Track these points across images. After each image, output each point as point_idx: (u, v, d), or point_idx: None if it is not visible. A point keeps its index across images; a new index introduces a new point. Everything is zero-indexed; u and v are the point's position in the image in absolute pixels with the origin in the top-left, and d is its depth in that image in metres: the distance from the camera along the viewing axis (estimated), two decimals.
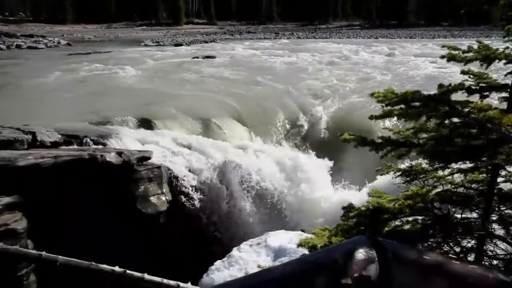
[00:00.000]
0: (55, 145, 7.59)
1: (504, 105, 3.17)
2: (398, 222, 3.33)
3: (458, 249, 3.22)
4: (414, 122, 3.33)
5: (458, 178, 3.42)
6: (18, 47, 32.07)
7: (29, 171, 6.39)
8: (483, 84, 3.24)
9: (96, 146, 7.84)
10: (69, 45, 35.34)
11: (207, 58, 23.32)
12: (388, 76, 17.00)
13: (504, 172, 3.23)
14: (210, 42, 38.89)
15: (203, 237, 8.09)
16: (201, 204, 8.14)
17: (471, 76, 3.25)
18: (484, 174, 3.30)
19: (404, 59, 22.69)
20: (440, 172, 3.37)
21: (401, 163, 3.60)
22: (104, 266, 5.20)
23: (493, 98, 3.33)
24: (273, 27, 62.93)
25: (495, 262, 3.18)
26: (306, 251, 3.40)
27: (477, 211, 3.33)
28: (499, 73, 3.43)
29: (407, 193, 3.27)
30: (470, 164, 3.29)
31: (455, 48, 3.32)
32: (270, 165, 9.01)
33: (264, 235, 7.18)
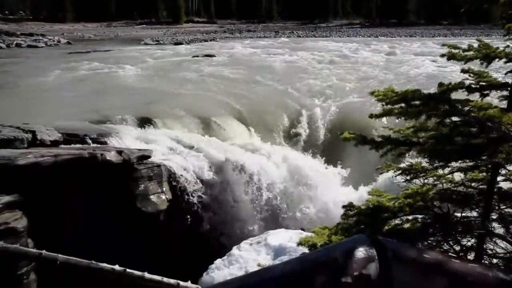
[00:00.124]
0: (55, 144, 7.58)
1: (504, 103, 3.17)
2: (398, 221, 3.33)
3: (458, 247, 3.23)
4: (414, 121, 3.33)
5: (458, 176, 3.42)
6: (18, 45, 32.09)
7: (29, 170, 6.39)
8: (483, 83, 3.24)
9: (96, 145, 7.84)
10: (69, 43, 35.36)
11: (207, 56, 23.31)
12: (388, 75, 16.99)
13: (504, 171, 3.23)
14: (210, 40, 38.89)
15: (203, 235, 8.10)
16: (201, 202, 8.14)
17: (471, 74, 3.25)
18: (484, 173, 3.30)
19: (404, 58, 22.67)
20: (440, 171, 3.37)
21: (401, 161, 3.60)
22: (104, 265, 5.21)
23: (493, 97, 3.33)
24: (273, 26, 62.92)
25: (495, 261, 3.19)
26: (306, 250, 3.41)
27: (477, 209, 3.33)
28: (500, 72, 3.43)
29: (407, 191, 3.28)
30: (470, 163, 3.29)
31: (455, 47, 3.31)
32: (270, 163, 9.01)
33: (264, 233, 7.19)
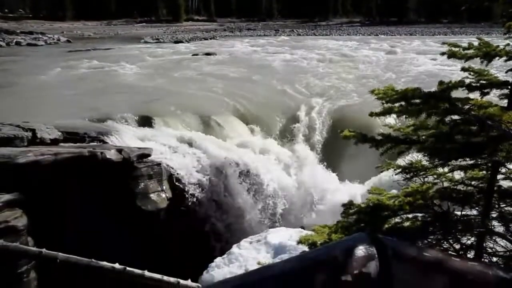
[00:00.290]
0: (55, 142, 7.57)
1: (505, 102, 3.16)
2: (398, 219, 3.33)
3: (458, 246, 3.23)
4: (414, 119, 3.33)
5: (458, 175, 3.42)
6: (18, 44, 32.07)
7: (29, 168, 6.38)
8: (484, 81, 3.23)
9: (96, 143, 7.84)
10: (68, 42, 35.33)
11: (207, 55, 23.28)
12: (389, 73, 16.97)
13: (504, 169, 3.23)
14: (210, 39, 38.87)
15: (203, 234, 8.11)
16: (201, 201, 8.14)
17: (472, 73, 3.25)
18: (484, 171, 3.30)
19: (405, 56, 22.66)
20: (440, 169, 3.37)
21: (401, 160, 3.60)
22: (104, 263, 5.22)
23: (493, 95, 3.32)
24: (273, 24, 62.87)
25: (494, 259, 3.19)
26: (306, 248, 3.41)
27: (477, 208, 3.33)
28: (500, 70, 3.43)
29: (407, 190, 3.28)
30: (470, 161, 3.28)
31: (455, 45, 3.31)
32: (270, 162, 9.02)
33: (264, 232, 7.20)
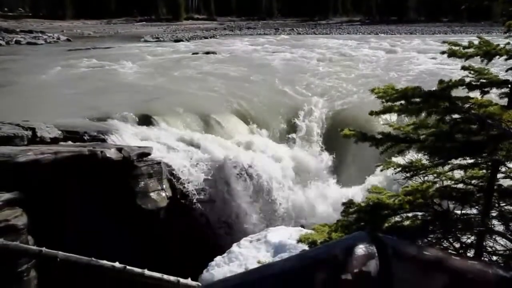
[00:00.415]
0: (55, 141, 7.58)
1: (505, 101, 3.16)
2: (398, 218, 3.32)
3: (457, 245, 3.23)
4: (414, 118, 3.32)
5: (458, 174, 3.41)
6: (18, 43, 32.04)
7: (29, 167, 6.39)
8: (484, 80, 3.23)
9: (96, 142, 7.84)
10: (68, 40, 35.32)
11: (207, 54, 23.27)
12: (388, 72, 16.97)
13: (504, 168, 3.23)
14: (210, 38, 38.84)
15: (202, 232, 8.11)
16: (200, 200, 8.15)
17: (472, 72, 3.24)
18: (484, 170, 3.30)
19: (405, 55, 22.65)
20: (440, 168, 3.37)
21: (401, 159, 3.60)
22: (104, 262, 5.22)
23: (493, 94, 3.32)
24: (273, 23, 62.83)
25: (494, 258, 3.19)
26: (306, 247, 3.40)
27: (477, 207, 3.33)
28: (500, 69, 3.42)
29: (407, 189, 3.27)
30: (470, 160, 3.28)
31: (455, 44, 3.30)
32: (270, 161, 9.02)
33: (264, 231, 7.19)
